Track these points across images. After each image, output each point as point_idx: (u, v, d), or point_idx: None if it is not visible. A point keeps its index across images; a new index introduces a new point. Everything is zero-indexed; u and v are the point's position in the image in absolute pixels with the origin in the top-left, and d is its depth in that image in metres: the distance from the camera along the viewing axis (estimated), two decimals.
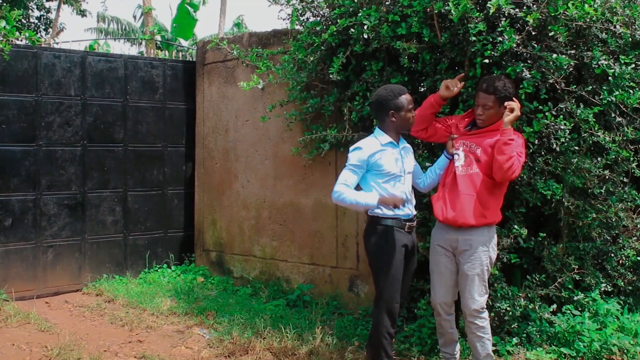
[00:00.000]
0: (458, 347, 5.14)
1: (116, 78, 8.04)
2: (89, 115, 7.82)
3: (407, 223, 4.79)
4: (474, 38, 4.94)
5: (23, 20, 20.31)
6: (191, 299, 7.10)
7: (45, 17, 22.32)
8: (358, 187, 4.79)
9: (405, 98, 4.73)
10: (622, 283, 5.91)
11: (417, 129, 4.95)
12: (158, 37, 19.28)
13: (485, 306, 4.79)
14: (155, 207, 8.39)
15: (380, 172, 4.69)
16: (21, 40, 8.92)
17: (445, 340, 5.09)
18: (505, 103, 4.61)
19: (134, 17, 29.35)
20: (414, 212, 4.90)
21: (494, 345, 5.34)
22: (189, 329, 6.29)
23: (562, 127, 4.98)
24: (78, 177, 7.76)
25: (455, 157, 4.81)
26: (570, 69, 5.09)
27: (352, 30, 5.55)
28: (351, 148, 4.74)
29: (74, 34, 45.73)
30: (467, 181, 4.71)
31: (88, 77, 7.82)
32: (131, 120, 8.15)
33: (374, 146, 4.70)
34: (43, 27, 22.12)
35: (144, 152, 8.27)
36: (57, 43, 12.61)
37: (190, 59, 10.06)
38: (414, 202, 4.93)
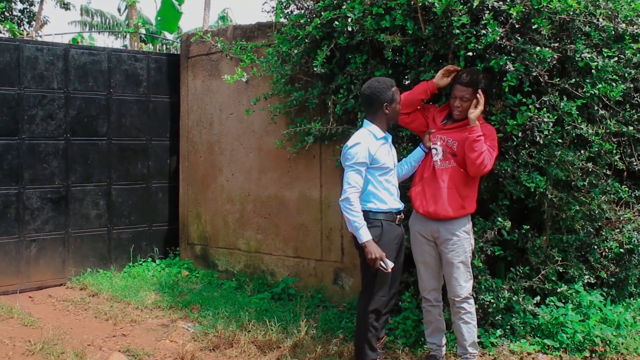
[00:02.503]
0: (444, 338, 5.16)
1: (99, 71, 7.99)
2: (72, 109, 7.77)
3: (398, 216, 4.83)
4: (457, 31, 4.94)
5: (6, 13, 20.15)
6: (176, 293, 7.09)
7: (28, 10, 22.15)
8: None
9: (396, 90, 4.79)
10: (605, 275, 5.95)
11: (402, 111, 4.99)
12: (142, 30, 19.19)
13: (471, 292, 4.88)
14: (139, 200, 8.36)
15: (377, 167, 4.72)
16: (3, 33, 8.85)
17: (432, 329, 5.12)
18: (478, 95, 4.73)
19: (119, 10, 29.25)
20: (403, 205, 4.92)
21: (478, 337, 5.36)
22: (174, 322, 6.28)
23: (545, 119, 4.99)
24: (61, 170, 7.71)
25: (434, 151, 4.89)
26: (554, 62, 5.10)
27: (336, 23, 5.54)
28: (349, 144, 4.71)
29: (57, 27, 45.47)
30: (446, 175, 4.81)
31: (71, 70, 7.76)
32: (115, 114, 8.11)
33: (372, 140, 4.72)
34: (26, 20, 21.95)
35: (127, 145, 8.23)
36: (40, 36, 12.53)
37: (175, 52, 10.01)
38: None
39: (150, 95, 8.40)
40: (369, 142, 4.69)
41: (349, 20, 5.42)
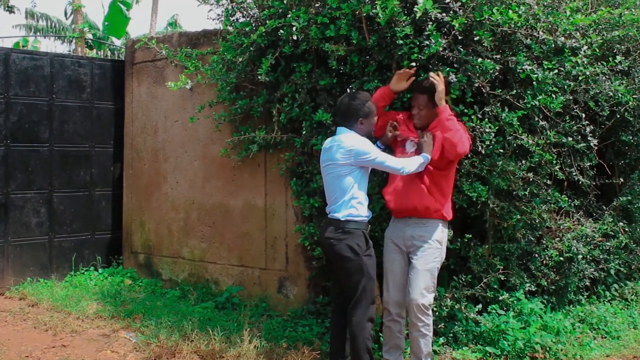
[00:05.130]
0: (402, 357, 5.07)
1: (42, 76, 7.85)
2: (13, 114, 7.61)
3: (369, 225, 4.86)
4: (401, 41, 4.98)
5: None
6: (118, 302, 6.98)
7: None
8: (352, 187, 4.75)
9: (371, 104, 4.78)
10: (546, 283, 6.05)
11: None
12: (89, 35, 18.92)
13: (432, 304, 4.82)
14: (82, 208, 8.22)
15: (365, 171, 4.74)
16: None
17: (390, 346, 5.04)
18: (430, 74, 4.73)
19: (65, 14, 28.74)
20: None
21: None
22: (115, 332, 6.18)
23: (487, 130, 5.07)
24: (0, 178, 7.54)
25: (408, 146, 4.87)
26: (496, 74, 5.18)
27: (281, 31, 5.54)
28: (356, 146, 4.61)
29: (1, 30, 44.60)
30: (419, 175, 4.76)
31: (12, 75, 7.61)
32: (57, 120, 7.97)
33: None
34: None
35: (70, 152, 8.09)
36: None
37: (122, 58, 9.90)
38: None
39: (94, 102, 8.28)
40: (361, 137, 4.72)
41: (294, 29, 5.41)
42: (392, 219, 5.07)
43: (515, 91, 5.31)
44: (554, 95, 5.31)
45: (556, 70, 5.29)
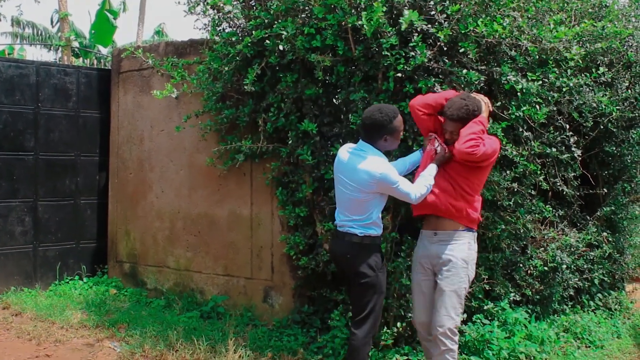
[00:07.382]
0: None
1: (27, 85, 7.83)
2: None
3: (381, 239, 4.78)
4: (386, 52, 5.00)
5: None
6: (103, 312, 6.95)
7: None
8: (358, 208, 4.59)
9: (398, 121, 4.55)
10: (530, 292, 6.09)
11: (423, 108, 4.69)
12: (76, 44, 18.87)
13: (458, 326, 4.59)
14: (67, 217, 8.19)
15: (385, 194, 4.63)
16: None
17: None
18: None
19: (51, 21, 28.64)
20: None
21: (405, 354, 5.41)
22: (100, 342, 6.14)
23: None
24: None
25: (439, 149, 4.63)
26: (481, 84, 5.21)
27: (267, 41, 5.55)
28: (383, 172, 4.39)
29: None
30: (450, 166, 4.61)
31: None
32: (43, 128, 7.94)
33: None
34: None
35: (55, 161, 8.06)
36: None
37: (108, 67, 9.89)
38: None
39: (80, 110, 8.26)
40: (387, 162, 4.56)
41: (283, 37, 5.41)
42: (419, 236, 4.88)
43: (499, 102, 5.34)
44: (538, 106, 5.34)
45: (540, 82, 5.33)
